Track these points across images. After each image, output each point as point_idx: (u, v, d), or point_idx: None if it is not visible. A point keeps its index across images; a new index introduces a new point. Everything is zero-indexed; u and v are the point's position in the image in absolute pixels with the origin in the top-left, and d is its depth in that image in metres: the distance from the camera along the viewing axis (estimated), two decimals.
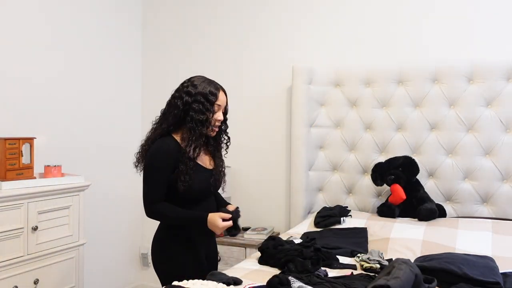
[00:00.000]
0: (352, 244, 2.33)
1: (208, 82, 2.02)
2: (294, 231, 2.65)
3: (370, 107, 2.86)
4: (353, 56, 3.02)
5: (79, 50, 3.17)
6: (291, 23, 3.21)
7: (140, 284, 3.75)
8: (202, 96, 1.96)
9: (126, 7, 3.60)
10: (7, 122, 2.68)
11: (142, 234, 3.76)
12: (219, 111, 2.01)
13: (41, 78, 2.91)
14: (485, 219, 2.53)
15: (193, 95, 1.95)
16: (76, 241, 2.65)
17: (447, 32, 2.79)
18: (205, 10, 3.52)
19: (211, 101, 1.96)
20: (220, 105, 2.01)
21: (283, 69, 3.18)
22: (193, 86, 1.98)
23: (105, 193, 3.35)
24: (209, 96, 1.96)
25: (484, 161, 2.60)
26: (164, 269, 2.01)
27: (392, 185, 2.62)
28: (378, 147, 2.84)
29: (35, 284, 2.42)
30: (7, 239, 2.29)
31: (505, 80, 2.58)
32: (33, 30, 2.85)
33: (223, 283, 1.70)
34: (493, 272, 1.82)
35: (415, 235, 2.32)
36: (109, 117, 3.43)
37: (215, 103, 1.98)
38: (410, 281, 1.46)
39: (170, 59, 3.66)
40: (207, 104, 1.95)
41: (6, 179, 2.36)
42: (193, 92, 1.96)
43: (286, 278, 1.63)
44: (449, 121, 2.67)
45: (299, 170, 2.95)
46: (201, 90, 1.97)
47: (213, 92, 1.98)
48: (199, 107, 1.94)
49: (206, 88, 1.98)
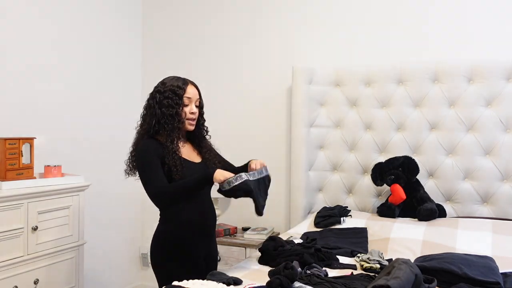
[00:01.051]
0: (352, 244, 2.33)
1: (177, 78, 2.10)
2: (294, 231, 2.65)
3: (370, 107, 2.86)
4: (353, 56, 3.02)
5: (79, 50, 3.17)
6: (291, 23, 3.21)
7: (140, 284, 3.75)
8: (171, 91, 2.02)
9: (126, 7, 3.60)
10: (7, 122, 2.68)
11: (142, 234, 3.76)
12: (190, 104, 2.06)
13: (41, 78, 2.91)
14: (485, 219, 2.52)
15: (162, 92, 2.03)
16: (76, 241, 2.65)
17: (447, 32, 2.79)
18: (205, 10, 3.52)
19: (179, 95, 2.02)
20: (190, 98, 2.05)
21: (283, 69, 3.18)
22: (162, 84, 2.07)
23: (105, 193, 3.35)
24: (176, 90, 2.02)
25: (484, 161, 2.60)
26: (162, 269, 2.01)
27: (392, 185, 2.62)
28: (378, 147, 2.84)
29: (35, 284, 2.42)
30: (7, 239, 2.29)
31: (505, 80, 2.58)
32: (33, 30, 2.85)
33: (223, 283, 1.70)
34: (493, 272, 1.82)
35: (415, 235, 2.32)
36: (109, 117, 3.43)
37: (183, 95, 2.03)
38: (410, 281, 1.46)
39: (170, 59, 3.66)
40: (176, 98, 2.01)
41: (6, 179, 2.36)
42: (162, 90, 2.04)
43: (287, 281, 1.63)
44: (449, 121, 2.66)
45: (299, 170, 2.95)
46: (169, 86, 2.04)
47: (180, 86, 2.04)
48: (169, 102, 2.01)
49: (174, 83, 2.05)
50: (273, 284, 1.63)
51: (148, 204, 3.70)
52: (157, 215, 2.11)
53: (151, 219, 3.70)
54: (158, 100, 2.02)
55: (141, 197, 3.72)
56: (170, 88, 2.03)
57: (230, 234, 3.09)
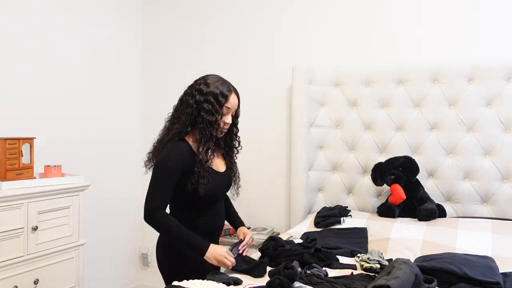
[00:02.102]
0: (352, 244, 2.33)
1: (222, 82, 1.98)
2: (294, 231, 2.65)
3: (370, 107, 2.86)
4: (353, 56, 3.02)
5: (79, 50, 3.17)
6: (291, 23, 3.21)
7: (140, 284, 3.75)
8: (213, 96, 1.91)
9: (126, 7, 3.60)
10: (7, 122, 2.68)
11: (142, 234, 3.76)
12: (228, 114, 1.97)
13: (41, 78, 2.91)
14: (485, 219, 2.52)
15: (204, 94, 1.92)
16: (76, 241, 2.65)
17: (447, 32, 2.79)
18: (205, 10, 3.52)
19: (220, 103, 1.92)
20: (229, 108, 1.97)
21: (283, 69, 3.18)
22: (205, 84, 1.95)
23: (105, 193, 3.35)
24: (219, 97, 1.92)
25: (484, 161, 2.60)
26: (169, 269, 2.01)
27: (392, 185, 2.62)
28: (378, 147, 2.84)
29: (35, 284, 2.42)
30: (7, 239, 2.29)
31: (505, 80, 2.58)
32: (32, 30, 2.85)
33: (223, 283, 1.70)
34: (493, 272, 1.82)
35: (415, 235, 2.32)
36: (109, 117, 3.43)
37: (224, 105, 1.94)
38: (410, 281, 1.46)
39: (170, 59, 3.66)
40: (217, 106, 1.91)
41: (6, 179, 2.36)
42: (205, 91, 1.92)
43: (287, 281, 1.63)
44: (449, 121, 2.66)
45: (299, 170, 2.95)
46: (213, 89, 1.93)
47: (224, 94, 1.94)
48: (209, 107, 1.90)
49: (218, 88, 1.94)
50: (273, 284, 1.63)
51: None
52: None
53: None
54: (197, 100, 1.91)
55: (141, 197, 3.71)
56: (213, 92, 1.92)
57: (230, 234, 3.09)
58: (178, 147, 1.92)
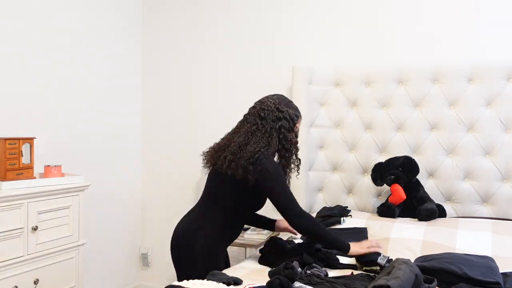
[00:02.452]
0: None
1: (296, 107, 2.14)
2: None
3: (370, 107, 2.86)
4: (353, 56, 3.02)
5: (79, 50, 3.17)
6: (291, 23, 3.21)
7: (140, 284, 3.75)
8: (295, 116, 2.06)
9: (126, 7, 3.60)
10: (7, 122, 2.68)
11: (142, 234, 3.76)
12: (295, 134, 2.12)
13: (41, 78, 2.91)
14: (485, 219, 2.52)
15: (288, 120, 2.04)
16: (76, 241, 2.65)
17: (447, 32, 2.79)
18: (205, 11, 3.52)
19: (295, 123, 2.07)
20: (298, 130, 2.13)
21: (283, 69, 3.18)
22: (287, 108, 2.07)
23: (105, 193, 3.35)
24: (296, 118, 2.08)
25: (484, 161, 2.59)
26: (192, 265, 2.04)
27: (392, 185, 2.62)
28: (378, 147, 2.84)
29: (35, 284, 2.42)
30: (7, 239, 2.29)
31: (505, 80, 2.58)
32: (32, 30, 2.85)
33: (223, 283, 1.70)
34: (493, 272, 1.82)
35: (415, 235, 2.32)
36: (109, 117, 3.43)
37: (296, 125, 2.09)
38: (410, 281, 1.46)
39: (170, 59, 3.66)
40: (294, 125, 2.05)
41: (6, 179, 2.36)
42: (288, 117, 2.05)
43: (287, 281, 1.63)
44: (449, 121, 2.66)
45: (299, 170, 2.94)
46: (294, 113, 2.08)
47: (299, 116, 2.10)
48: (290, 129, 2.04)
49: (297, 112, 2.10)
50: (273, 284, 1.63)
51: (148, 204, 3.72)
52: (158, 215, 2.11)
53: (151, 219, 3.72)
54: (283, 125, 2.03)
55: (141, 197, 3.72)
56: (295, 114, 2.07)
57: None
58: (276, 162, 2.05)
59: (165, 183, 3.64)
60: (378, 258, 1.98)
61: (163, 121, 3.69)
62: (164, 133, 3.67)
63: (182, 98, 3.61)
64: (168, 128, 3.66)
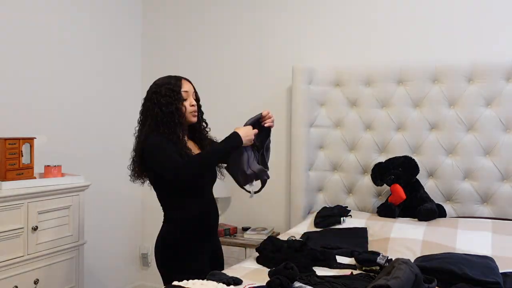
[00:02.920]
0: (352, 244, 2.33)
1: (168, 77, 2.09)
2: (294, 231, 2.65)
3: (370, 107, 2.86)
4: (353, 56, 3.02)
5: (79, 50, 3.17)
6: (291, 23, 3.21)
7: (140, 284, 3.75)
8: (167, 89, 2.00)
9: (126, 7, 3.60)
10: (7, 122, 2.68)
11: (142, 234, 3.76)
12: (188, 97, 2.05)
13: (41, 78, 2.91)
14: (485, 219, 2.52)
15: (158, 92, 2.01)
16: (76, 241, 2.65)
17: (447, 32, 2.79)
18: (205, 10, 3.52)
19: (176, 91, 2.01)
20: (187, 91, 2.05)
21: (283, 69, 3.18)
22: (156, 85, 2.06)
23: (105, 193, 3.35)
24: (172, 87, 2.02)
25: (484, 161, 2.59)
26: (168, 268, 2.03)
27: (392, 185, 2.62)
28: (378, 147, 2.84)
29: (35, 284, 2.42)
30: (7, 239, 2.29)
31: (505, 80, 2.58)
32: (32, 30, 2.85)
33: (223, 283, 1.70)
34: (493, 272, 1.82)
35: (415, 235, 2.32)
36: (109, 117, 3.43)
37: (180, 90, 2.02)
38: (410, 281, 1.46)
39: (170, 59, 3.65)
40: (173, 94, 2.00)
41: (6, 179, 2.36)
42: (158, 90, 2.02)
43: (287, 281, 1.63)
44: (449, 121, 2.66)
45: (299, 170, 2.95)
46: (164, 84, 2.03)
47: (175, 83, 2.04)
48: (167, 99, 1.98)
49: (168, 81, 2.04)
50: (273, 284, 1.63)
51: (148, 204, 3.72)
52: (158, 215, 2.11)
53: (151, 219, 3.71)
54: (156, 100, 2.00)
55: (141, 197, 3.72)
56: (165, 86, 2.02)
57: (230, 234, 3.09)
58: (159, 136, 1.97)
59: None
60: (378, 258, 1.98)
61: None
62: None
63: None
64: None
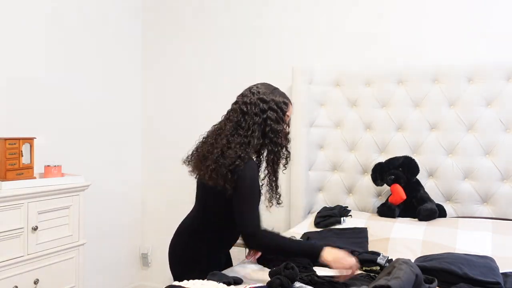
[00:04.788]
0: (352, 244, 2.33)
1: (282, 93, 1.87)
2: (294, 231, 2.64)
3: (370, 107, 2.86)
4: (353, 56, 3.02)
5: (79, 50, 3.17)
6: (291, 23, 3.21)
7: (140, 284, 3.75)
8: (282, 105, 1.80)
9: (126, 7, 3.60)
10: (7, 122, 2.68)
11: (142, 234, 3.76)
12: (287, 123, 1.86)
13: (41, 78, 2.91)
14: (485, 219, 2.52)
15: (271, 101, 1.79)
16: (76, 241, 2.65)
17: (447, 32, 2.79)
18: (205, 10, 3.52)
19: (285, 112, 1.81)
20: (289, 117, 1.87)
21: (283, 69, 3.18)
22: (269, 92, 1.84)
23: (105, 193, 3.35)
24: (285, 106, 1.81)
25: (484, 161, 2.60)
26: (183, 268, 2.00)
27: (392, 185, 2.62)
28: (378, 147, 2.84)
29: (35, 284, 2.42)
30: (7, 239, 2.29)
31: (505, 80, 2.58)
32: (32, 30, 2.85)
33: (223, 283, 1.70)
34: (493, 272, 1.82)
35: (415, 235, 2.32)
36: (109, 117, 3.43)
37: (286, 113, 1.82)
38: (411, 281, 1.46)
39: (170, 58, 3.65)
40: (283, 114, 1.81)
41: (6, 179, 2.36)
42: (271, 100, 1.80)
43: (287, 281, 1.63)
44: (449, 121, 2.66)
45: (299, 170, 2.94)
46: (281, 99, 1.82)
47: (287, 103, 1.83)
48: (277, 116, 1.77)
49: (282, 96, 1.84)
50: (273, 284, 1.63)
51: (148, 204, 3.72)
52: (158, 215, 2.11)
53: (151, 219, 3.72)
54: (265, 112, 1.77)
55: (141, 197, 3.72)
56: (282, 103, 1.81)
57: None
58: (255, 164, 1.82)
59: (165, 183, 3.63)
60: (378, 258, 1.98)
61: (163, 121, 3.69)
62: (164, 133, 3.67)
63: (182, 98, 3.60)
64: (168, 128, 3.66)
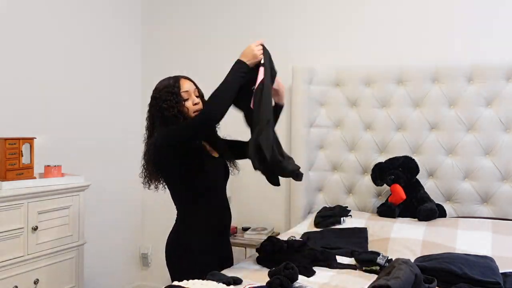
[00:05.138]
0: (352, 244, 2.33)
1: (167, 78, 2.05)
2: (294, 231, 2.65)
3: (370, 107, 2.86)
4: (353, 56, 3.02)
5: (79, 50, 3.17)
6: (291, 22, 3.21)
7: (140, 284, 3.75)
8: (166, 92, 1.97)
9: (126, 6, 3.60)
10: (7, 122, 2.68)
11: (142, 234, 3.76)
12: (190, 97, 2.01)
13: (41, 78, 2.91)
14: (485, 219, 2.52)
15: (158, 98, 1.97)
16: (76, 241, 2.65)
17: (447, 32, 2.79)
18: (205, 10, 3.52)
19: (175, 92, 1.97)
20: (188, 91, 2.01)
21: (283, 69, 3.16)
22: (155, 90, 2.02)
23: (105, 193, 3.35)
24: (171, 89, 1.97)
25: (484, 161, 2.60)
26: (176, 266, 2.02)
27: (392, 185, 2.62)
28: (378, 147, 2.84)
29: (35, 284, 2.42)
30: (7, 239, 2.29)
31: (505, 80, 2.58)
32: (32, 30, 2.85)
33: (223, 283, 1.70)
34: (493, 272, 1.82)
35: (415, 235, 2.32)
36: (109, 117, 3.43)
37: (180, 92, 1.98)
38: (410, 281, 1.46)
39: (170, 58, 3.65)
40: (174, 97, 1.96)
41: (6, 179, 2.36)
42: (158, 95, 1.98)
43: (287, 281, 1.63)
44: (449, 121, 2.66)
45: None
46: (163, 88, 1.99)
47: (173, 84, 1.99)
48: (168, 103, 1.94)
49: (166, 83, 2.01)
50: (273, 284, 1.63)
51: (148, 204, 3.72)
52: (158, 215, 2.11)
53: (151, 219, 3.72)
54: (158, 106, 1.96)
55: (141, 197, 3.72)
56: (165, 90, 1.98)
57: (230, 234, 3.08)
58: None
59: None
60: (378, 258, 1.98)
61: None
62: None
63: None
64: None
